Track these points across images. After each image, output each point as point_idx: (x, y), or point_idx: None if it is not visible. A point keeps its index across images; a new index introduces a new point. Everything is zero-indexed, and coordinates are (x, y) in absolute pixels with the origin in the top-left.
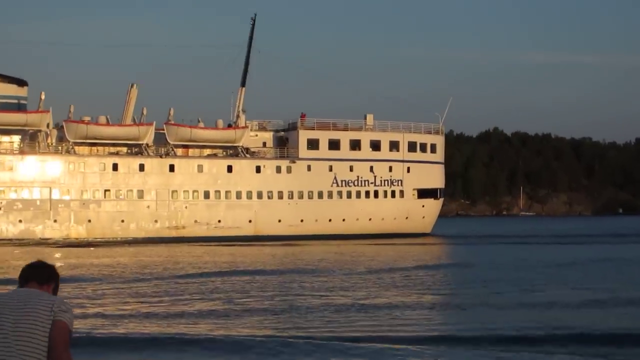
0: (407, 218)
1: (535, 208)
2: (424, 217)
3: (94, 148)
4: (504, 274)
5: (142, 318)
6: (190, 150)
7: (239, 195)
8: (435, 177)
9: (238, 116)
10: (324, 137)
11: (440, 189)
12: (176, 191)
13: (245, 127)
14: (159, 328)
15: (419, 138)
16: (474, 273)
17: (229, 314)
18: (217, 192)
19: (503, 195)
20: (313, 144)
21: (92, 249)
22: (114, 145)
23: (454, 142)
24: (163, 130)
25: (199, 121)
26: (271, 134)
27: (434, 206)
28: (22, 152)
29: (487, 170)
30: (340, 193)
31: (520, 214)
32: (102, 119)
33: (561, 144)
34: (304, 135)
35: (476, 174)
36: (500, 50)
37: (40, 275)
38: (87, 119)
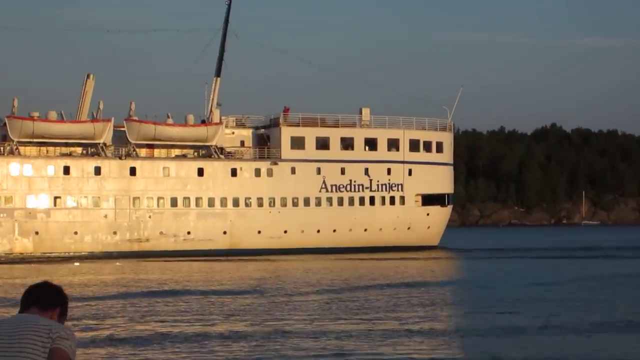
0: (409, 228)
1: (599, 216)
2: (429, 227)
3: (43, 148)
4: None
5: None
6: (156, 151)
7: (211, 202)
8: (442, 181)
9: (211, 111)
10: (310, 134)
11: (448, 194)
12: (138, 198)
13: (219, 123)
14: None
15: (422, 135)
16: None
17: None
18: (186, 199)
19: (562, 202)
20: (298, 143)
21: (37, 265)
22: (66, 145)
23: (504, 140)
24: (124, 127)
25: (168, 117)
26: (250, 131)
27: (440, 214)
28: None
29: (544, 173)
30: (329, 200)
31: (583, 223)
32: (53, 115)
33: (629, 142)
34: (287, 133)
35: (531, 177)
36: (554, 34)
37: (42, 298)
38: (35, 114)
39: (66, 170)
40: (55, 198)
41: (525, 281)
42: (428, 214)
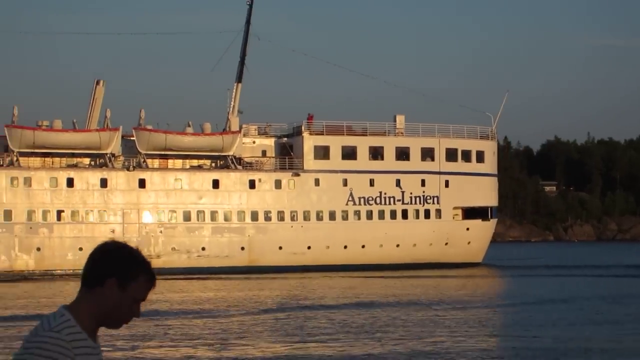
0: (446, 244)
1: None
2: (469, 243)
3: (49, 159)
4: None
5: None
6: (170, 162)
7: (228, 216)
8: (483, 193)
9: (228, 119)
10: (335, 143)
11: (491, 207)
12: (148, 212)
13: (237, 132)
14: None
15: (460, 144)
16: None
17: None
18: (200, 212)
19: None
20: (322, 153)
21: (40, 283)
22: (72, 155)
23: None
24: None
25: (188, 125)
26: (273, 140)
27: (483, 229)
28: None
29: None
30: (357, 213)
31: None
32: (58, 124)
33: None
34: (310, 142)
35: None
36: None
37: (86, 269)
38: (44, 123)
39: (70, 183)
40: (59, 212)
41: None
42: (468, 229)
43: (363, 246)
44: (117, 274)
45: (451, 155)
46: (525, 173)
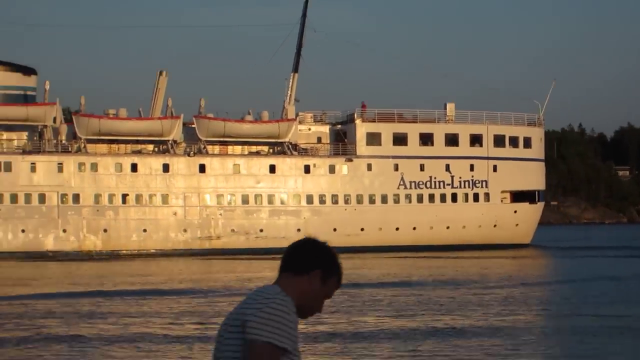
0: (495, 226)
1: None
2: (517, 225)
3: (114, 146)
4: None
5: None
6: (230, 148)
7: (284, 200)
8: (531, 177)
9: (284, 107)
10: (387, 130)
11: (539, 191)
12: (208, 196)
13: (293, 119)
14: None
15: (508, 130)
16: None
17: None
18: (258, 196)
19: None
20: (374, 139)
21: (107, 262)
22: (136, 142)
23: None
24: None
25: (248, 113)
26: (328, 127)
27: (530, 212)
28: (24, 151)
29: None
30: (408, 196)
31: None
32: (123, 112)
33: None
34: (362, 129)
35: None
36: None
37: (296, 258)
38: (111, 112)
39: (134, 168)
40: (124, 195)
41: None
42: (515, 211)
43: (414, 228)
44: (323, 267)
45: (499, 141)
46: (599, 159)
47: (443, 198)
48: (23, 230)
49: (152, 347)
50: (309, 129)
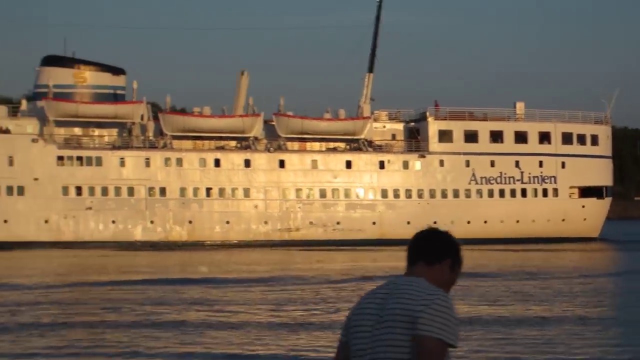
0: (563, 220)
1: None
2: (585, 219)
3: (199, 142)
4: None
5: None
6: (308, 144)
7: (360, 194)
8: (598, 174)
9: (359, 105)
10: (458, 127)
11: (606, 186)
12: (288, 189)
13: (368, 117)
14: None
15: (575, 129)
16: None
17: None
18: (335, 190)
19: None
20: (445, 136)
21: (192, 252)
22: (219, 139)
23: None
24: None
25: (326, 111)
26: (402, 125)
27: (597, 207)
28: (114, 146)
29: None
30: (479, 192)
31: None
32: (207, 110)
33: None
34: (434, 126)
35: None
36: None
37: (427, 249)
38: (196, 110)
39: (217, 163)
40: (208, 189)
41: None
42: (583, 206)
43: (485, 222)
44: (453, 256)
45: (567, 138)
46: None
47: (513, 193)
48: (113, 221)
49: (256, 333)
50: (384, 127)
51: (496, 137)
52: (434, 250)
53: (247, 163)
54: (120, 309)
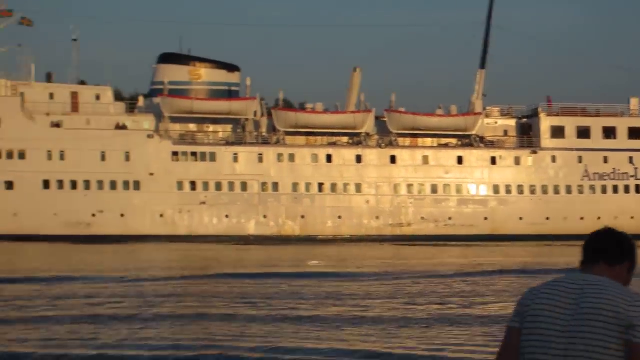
0: None
1: None
2: None
3: (311, 138)
4: None
5: None
6: (420, 140)
7: (471, 189)
8: None
9: (471, 102)
10: (570, 124)
11: None
12: (399, 185)
13: (479, 113)
14: None
15: None
16: None
17: None
18: (447, 186)
19: None
20: (558, 132)
21: (305, 246)
22: (332, 135)
23: None
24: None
25: (439, 107)
26: (514, 121)
27: None
28: (228, 142)
29: None
30: (592, 188)
31: None
32: (319, 107)
33: None
34: (546, 122)
35: None
36: None
37: (609, 250)
38: (309, 106)
39: (328, 159)
40: (320, 184)
41: None
42: None
43: (599, 218)
44: (632, 259)
45: None
46: None
47: (627, 189)
48: (227, 216)
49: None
50: (496, 123)
51: (609, 133)
52: (616, 252)
53: (359, 159)
54: (256, 303)
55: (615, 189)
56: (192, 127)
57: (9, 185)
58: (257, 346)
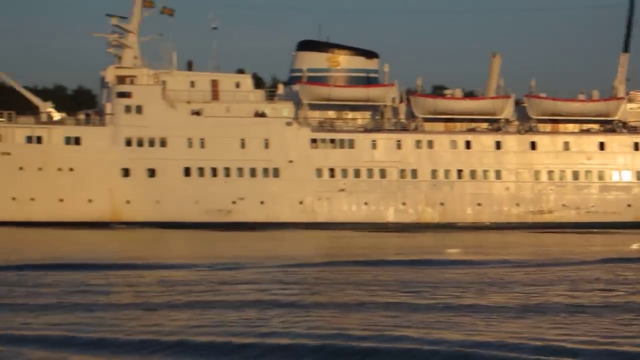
0: None
1: None
2: None
3: (450, 124)
4: None
5: None
6: (561, 126)
7: (614, 176)
8: None
9: (614, 86)
10: None
11: None
12: (539, 171)
13: (622, 98)
14: None
15: None
16: None
17: None
18: (589, 172)
19: None
20: None
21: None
22: (471, 120)
23: None
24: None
25: (580, 92)
26: None
27: None
28: (366, 129)
29: None
30: None
31: None
32: (458, 92)
33: None
34: None
35: None
36: None
37: None
38: (448, 92)
39: (467, 145)
40: (459, 171)
41: None
42: None
43: None
44: None
45: None
46: None
47: None
48: (366, 203)
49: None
50: (639, 108)
51: None
52: None
53: (498, 145)
54: (420, 292)
55: None
56: (331, 114)
57: (151, 172)
58: (419, 336)
